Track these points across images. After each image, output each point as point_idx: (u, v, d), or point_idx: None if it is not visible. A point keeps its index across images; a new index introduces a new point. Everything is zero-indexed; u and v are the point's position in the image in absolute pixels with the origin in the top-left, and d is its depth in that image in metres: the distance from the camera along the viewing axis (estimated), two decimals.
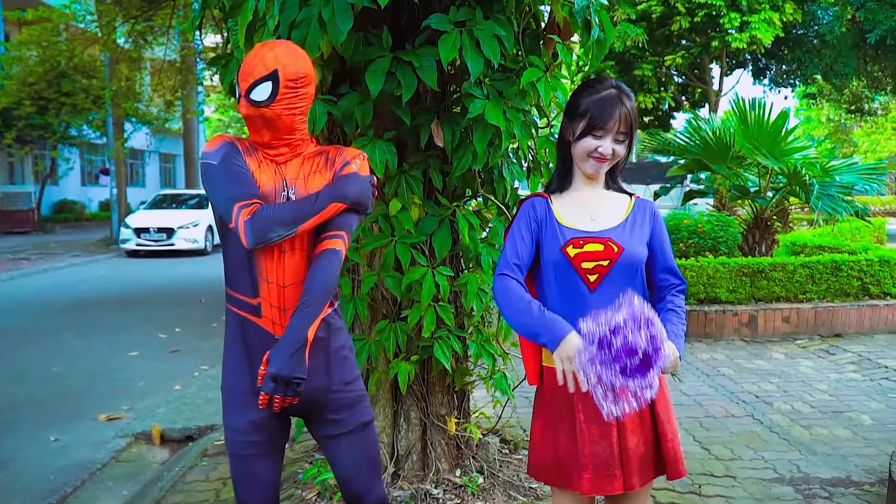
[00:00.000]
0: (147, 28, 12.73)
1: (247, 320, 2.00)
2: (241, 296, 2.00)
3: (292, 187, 1.99)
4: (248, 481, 2.06)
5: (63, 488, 3.80)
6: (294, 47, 1.98)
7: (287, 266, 1.98)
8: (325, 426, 2.11)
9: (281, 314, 1.99)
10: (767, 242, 8.02)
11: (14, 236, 20.87)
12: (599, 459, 1.94)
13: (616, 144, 1.98)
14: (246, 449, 2.04)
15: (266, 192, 1.96)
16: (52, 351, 6.81)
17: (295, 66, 1.93)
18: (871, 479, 3.67)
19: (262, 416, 2.03)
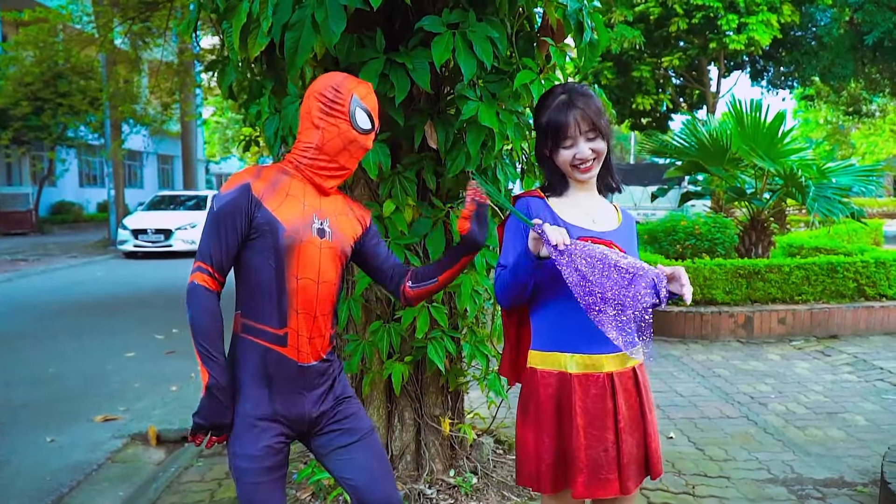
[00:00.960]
0: (144, 29, 12.73)
1: (269, 350, 2.00)
2: (264, 326, 1.99)
3: (326, 220, 2.05)
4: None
5: (59, 489, 3.80)
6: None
7: (321, 298, 2.02)
8: (334, 437, 2.12)
9: (308, 342, 2.02)
10: (764, 244, 8.04)
11: (11, 237, 20.85)
12: (595, 463, 1.95)
13: (590, 143, 1.99)
14: (262, 475, 2.00)
15: (294, 223, 1.98)
16: (49, 352, 6.81)
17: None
18: (864, 479, 3.68)
19: (280, 441, 2.03)
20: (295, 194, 2.01)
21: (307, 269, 1.99)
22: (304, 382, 2.04)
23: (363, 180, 3.09)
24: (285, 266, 1.97)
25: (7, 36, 21.60)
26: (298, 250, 1.97)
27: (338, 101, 1.99)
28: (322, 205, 2.06)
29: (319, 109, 2.00)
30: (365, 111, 2.03)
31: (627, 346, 1.85)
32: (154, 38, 13.27)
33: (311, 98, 2.02)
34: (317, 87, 2.02)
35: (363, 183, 3.10)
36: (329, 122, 1.99)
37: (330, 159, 2.03)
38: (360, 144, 2.05)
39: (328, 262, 2.03)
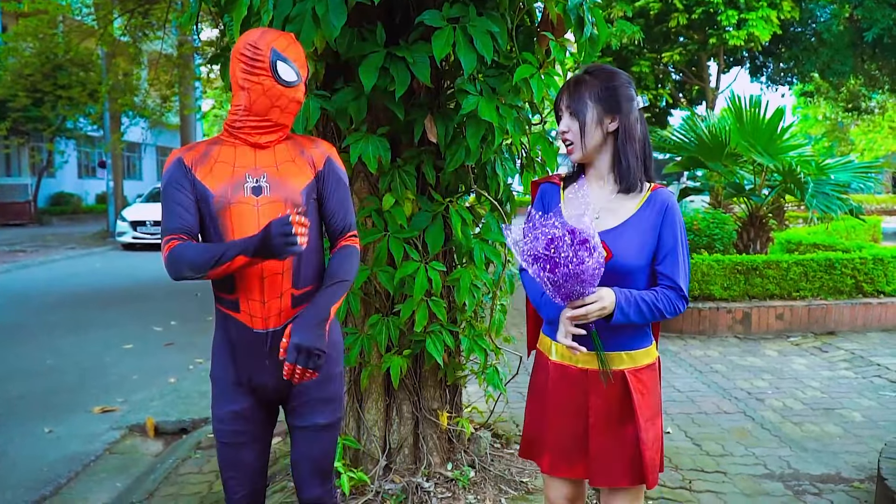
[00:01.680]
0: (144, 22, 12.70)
1: (228, 316, 2.04)
2: (221, 293, 2.03)
3: (263, 175, 2.00)
4: (233, 465, 2.12)
5: (57, 480, 3.81)
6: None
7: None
8: (293, 416, 2.15)
9: (261, 307, 2.00)
10: (762, 240, 8.05)
11: (10, 228, 20.83)
12: (560, 447, 2.02)
13: (568, 119, 1.96)
14: (229, 437, 2.09)
15: (220, 187, 1.98)
16: (47, 344, 6.82)
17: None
18: (861, 475, 3.70)
19: (245, 407, 2.09)
20: (224, 160, 2.01)
21: (244, 229, 1.96)
22: (263, 349, 2.03)
23: (363, 174, 3.09)
24: (221, 230, 1.98)
25: (7, 27, 21.54)
26: (230, 212, 1.97)
27: (257, 58, 1.95)
28: (258, 161, 2.02)
29: (241, 70, 1.96)
30: (287, 62, 1.97)
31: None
32: (154, 30, 13.24)
33: (234, 59, 1.98)
34: (237, 47, 1.98)
35: (363, 176, 3.10)
36: (253, 81, 1.95)
37: (261, 118, 1.99)
38: (290, 98, 2.00)
39: (271, 219, 1.92)
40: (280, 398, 2.13)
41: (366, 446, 3.28)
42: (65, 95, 18.32)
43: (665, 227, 1.92)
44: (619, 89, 1.94)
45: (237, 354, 2.05)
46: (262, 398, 2.11)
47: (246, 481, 2.13)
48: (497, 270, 3.31)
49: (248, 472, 2.12)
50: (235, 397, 2.08)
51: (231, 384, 2.08)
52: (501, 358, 3.52)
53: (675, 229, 1.93)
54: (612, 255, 1.85)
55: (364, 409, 3.28)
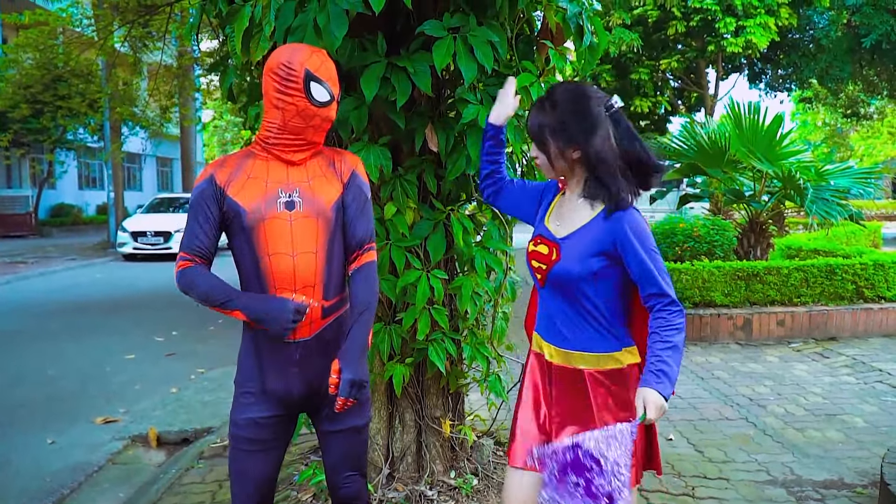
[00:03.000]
0: (144, 33, 12.74)
1: (259, 328, 2.05)
2: None
3: (296, 190, 2.04)
4: (241, 476, 2.14)
5: (60, 490, 3.81)
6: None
7: (298, 272, 2.03)
8: (324, 422, 2.18)
9: None
10: (762, 246, 8.06)
11: (11, 240, 20.84)
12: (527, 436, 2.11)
13: (535, 148, 2.07)
14: (245, 444, 2.12)
15: (253, 203, 2.01)
16: (49, 354, 6.82)
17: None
18: (864, 481, 3.69)
19: (266, 415, 2.11)
20: (257, 175, 2.04)
21: (278, 244, 2.01)
22: (292, 359, 2.07)
23: None
24: (255, 245, 2.01)
25: (7, 39, 21.61)
26: (264, 228, 2.00)
27: (290, 78, 1.97)
28: (290, 176, 2.06)
29: (275, 89, 1.99)
30: (320, 83, 2.00)
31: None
32: (154, 41, 13.28)
33: (267, 77, 2.01)
34: (270, 65, 2.01)
35: None
36: (287, 101, 1.99)
37: (296, 136, 2.04)
38: (323, 117, 2.04)
39: (304, 233, 2.02)
40: (304, 405, 2.16)
41: (368, 455, 3.28)
42: (65, 106, 18.36)
43: (625, 253, 1.94)
44: (577, 117, 1.96)
45: (265, 363, 2.08)
46: (287, 407, 2.13)
47: (254, 490, 2.14)
48: (498, 278, 3.31)
49: (257, 481, 2.14)
50: (258, 405, 2.10)
51: (256, 392, 2.10)
52: (503, 366, 3.52)
53: (634, 249, 1.93)
54: (559, 259, 1.99)
55: None
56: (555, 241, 2.03)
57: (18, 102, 17.71)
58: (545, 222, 2.11)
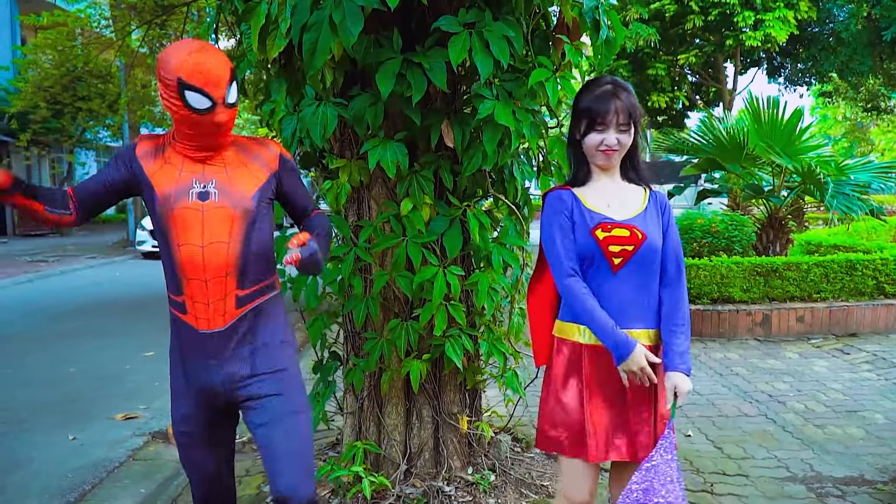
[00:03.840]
0: (161, 34, 12.82)
1: (177, 318, 2.10)
2: (170, 295, 2.09)
3: (212, 181, 2.03)
4: (190, 465, 2.26)
5: (81, 486, 3.85)
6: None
7: (207, 261, 2.02)
8: (252, 413, 2.14)
9: (206, 308, 2.04)
10: (782, 242, 7.98)
11: (32, 239, 21.08)
12: (604, 429, 2.10)
13: (619, 134, 2.10)
14: (182, 438, 2.22)
15: (166, 191, 2.02)
16: (69, 352, 6.89)
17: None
18: (885, 477, 3.66)
19: (194, 408, 2.17)
20: (173, 162, 2.04)
21: (188, 234, 1.99)
22: (209, 351, 2.06)
23: (381, 179, 3.11)
24: (168, 235, 2.03)
25: (26, 40, 21.83)
26: (173, 217, 2.00)
27: (169, 87, 1.91)
28: (206, 167, 2.04)
29: (162, 94, 1.95)
30: (195, 90, 1.89)
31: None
32: (171, 41, 13.37)
33: (158, 82, 1.99)
34: (156, 70, 1.97)
35: (381, 182, 3.12)
36: (171, 109, 1.95)
37: (189, 141, 2.02)
38: (210, 121, 1.94)
39: (216, 224, 2.00)
40: (232, 398, 2.13)
41: (386, 451, 3.29)
42: (84, 107, 18.51)
43: (669, 226, 2.18)
44: (637, 104, 2.16)
45: (185, 356, 2.12)
46: (212, 399, 2.14)
47: (203, 483, 2.25)
48: (515, 274, 3.31)
49: (204, 474, 2.24)
50: (187, 399, 2.16)
51: (182, 386, 2.16)
52: (521, 362, 3.52)
53: (674, 224, 2.20)
54: (646, 236, 2.09)
55: (384, 413, 3.29)
56: (631, 223, 2.10)
57: (38, 103, 17.88)
58: (594, 210, 2.12)
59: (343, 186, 2.99)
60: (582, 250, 2.09)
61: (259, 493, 3.56)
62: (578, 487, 2.17)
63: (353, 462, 3.14)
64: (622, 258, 2.09)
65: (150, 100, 18.37)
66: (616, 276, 2.09)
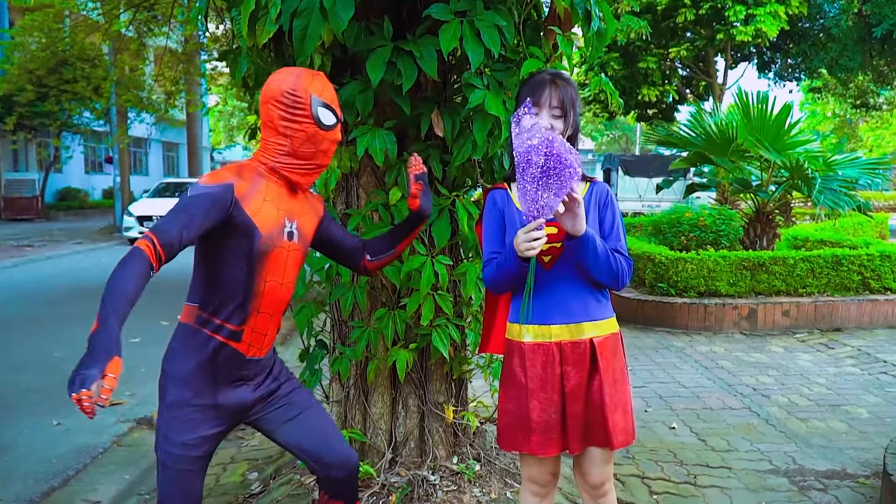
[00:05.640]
0: (149, 17, 12.70)
1: (223, 345, 2.02)
2: (223, 322, 2.01)
3: (295, 222, 2.09)
4: (185, 495, 2.02)
5: (65, 472, 3.84)
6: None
7: (281, 298, 2.10)
8: (280, 413, 2.19)
9: (261, 338, 2.09)
10: (769, 236, 8.03)
11: (18, 223, 20.92)
12: (545, 424, 2.13)
13: (553, 120, 2.11)
14: (190, 464, 2.01)
15: (269, 231, 2.00)
16: (55, 337, 6.85)
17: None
18: (867, 471, 3.70)
19: (216, 431, 2.06)
20: (270, 199, 2.02)
21: (275, 272, 2.04)
22: (247, 373, 2.11)
23: (369, 168, 3.09)
24: (257, 270, 2.00)
25: (14, 22, 21.58)
26: (273, 256, 2.02)
27: (298, 106, 1.97)
28: (292, 207, 2.09)
29: (281, 117, 1.97)
30: (327, 107, 2.02)
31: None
32: (159, 25, 13.24)
33: (270, 106, 1.98)
34: (271, 93, 1.98)
35: (369, 170, 3.10)
36: (295, 129, 1.98)
37: (306, 161, 2.05)
38: (331, 139, 2.06)
39: (293, 264, 2.10)
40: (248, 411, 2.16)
41: (372, 439, 3.29)
42: (70, 90, 18.34)
43: (606, 209, 2.19)
44: (578, 98, 2.18)
45: (220, 378, 2.04)
46: (237, 417, 2.13)
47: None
48: None
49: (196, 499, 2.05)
50: (209, 421, 2.03)
51: (207, 408, 2.03)
52: None
53: (614, 208, 2.21)
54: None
55: (370, 402, 3.29)
56: (557, 220, 2.06)
57: (24, 86, 17.70)
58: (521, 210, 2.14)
59: (333, 172, 2.97)
60: (514, 248, 2.04)
61: (244, 480, 3.55)
62: (536, 473, 2.27)
63: None
64: (551, 255, 2.12)
65: (137, 84, 18.21)
66: (547, 273, 2.13)
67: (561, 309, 2.13)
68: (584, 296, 2.15)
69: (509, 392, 2.20)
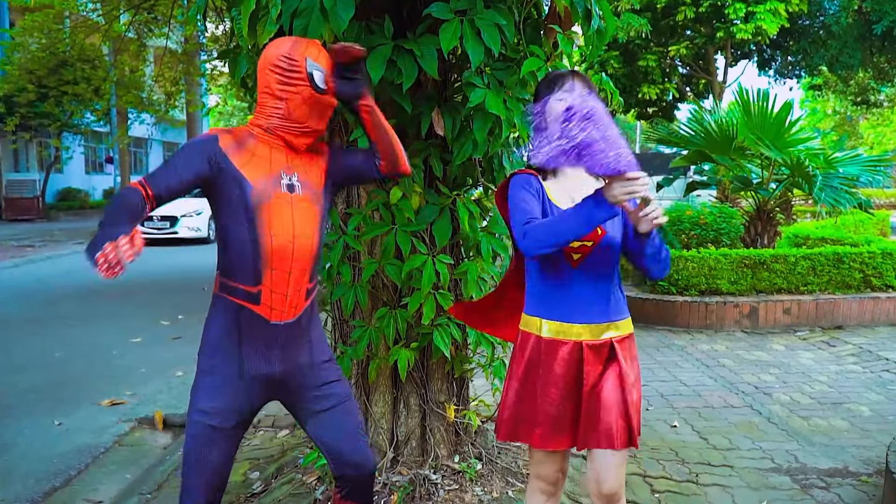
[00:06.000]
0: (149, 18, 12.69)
1: (242, 308, 2.04)
2: (238, 284, 2.04)
3: (295, 174, 2.09)
4: (201, 464, 2.04)
5: (66, 472, 3.84)
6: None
7: (296, 255, 2.06)
8: (313, 401, 2.19)
9: (283, 299, 2.06)
10: (770, 234, 8.02)
11: (19, 224, 20.92)
12: (550, 419, 2.12)
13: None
14: (209, 433, 2.03)
15: (260, 181, 2.03)
16: (56, 337, 6.85)
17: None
18: (869, 469, 3.69)
19: (239, 401, 2.07)
20: (261, 155, 2.07)
21: (281, 226, 2.03)
22: (275, 341, 2.08)
23: None
24: (257, 223, 2.01)
25: (15, 22, 21.57)
26: (268, 206, 2.02)
27: (294, 69, 2.03)
28: (290, 161, 2.11)
29: (278, 81, 2.04)
30: (322, 71, 2.07)
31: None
32: (159, 26, 13.24)
33: (266, 71, 2.05)
34: (268, 58, 2.05)
35: None
36: (291, 91, 2.04)
37: (301, 125, 2.08)
38: (326, 103, 2.11)
39: (303, 218, 2.07)
40: (279, 390, 2.15)
41: (373, 438, 3.29)
42: (70, 91, 18.33)
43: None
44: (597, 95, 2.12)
45: (245, 346, 2.06)
46: (263, 390, 2.12)
47: (213, 477, 2.06)
48: (504, 263, 3.30)
49: (218, 467, 2.06)
50: (233, 391, 2.05)
51: (232, 377, 2.06)
52: (508, 351, 3.52)
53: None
54: (606, 232, 2.09)
55: (372, 401, 3.29)
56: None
57: (24, 86, 17.69)
58: (557, 205, 2.13)
59: None
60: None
61: (245, 479, 3.55)
62: (546, 470, 2.26)
63: None
64: (581, 254, 2.10)
65: (137, 84, 18.21)
66: (574, 270, 2.12)
67: (584, 308, 2.12)
68: (607, 296, 2.15)
69: (518, 385, 2.18)
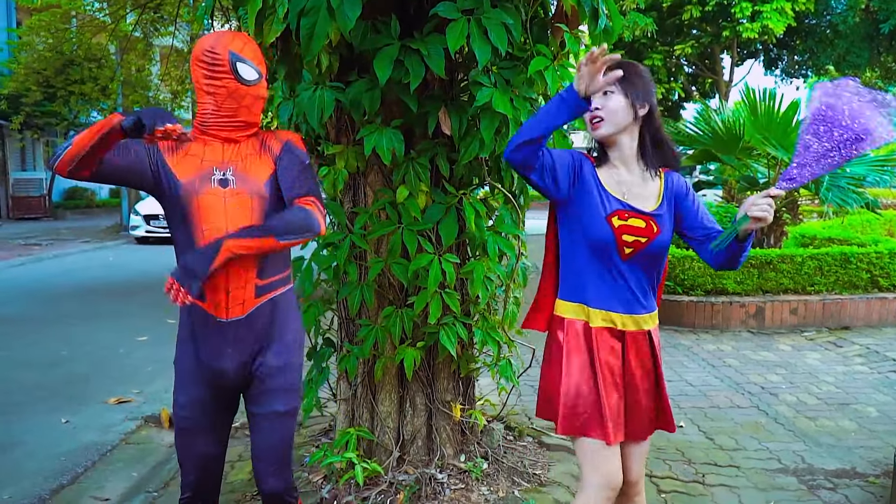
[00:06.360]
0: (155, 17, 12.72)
1: (193, 305, 2.10)
2: None
3: (229, 169, 2.09)
4: (185, 450, 2.23)
5: (73, 469, 3.85)
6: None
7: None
8: (250, 404, 2.25)
9: (226, 297, 2.09)
10: (776, 234, 7.99)
11: (25, 222, 20.99)
12: (613, 414, 2.08)
13: (603, 98, 2.06)
14: (185, 423, 2.20)
15: (189, 177, 2.07)
16: (62, 336, 6.87)
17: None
18: (876, 470, 3.68)
19: (204, 394, 2.18)
20: (193, 153, 2.10)
21: (212, 220, 2.06)
22: (226, 338, 2.12)
23: (377, 166, 3.09)
24: (190, 220, 2.07)
25: (21, 22, 21.62)
26: (198, 202, 2.06)
27: (217, 63, 2.04)
28: (225, 155, 2.11)
29: (204, 76, 2.05)
30: (246, 62, 2.07)
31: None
32: (165, 25, 13.26)
33: (194, 66, 2.07)
34: (195, 55, 2.07)
35: (377, 169, 3.10)
36: (216, 85, 2.05)
37: (231, 118, 2.09)
38: (254, 95, 2.10)
39: (237, 211, 2.07)
40: (239, 385, 2.21)
41: (379, 437, 3.29)
42: (77, 91, 18.35)
43: (686, 198, 2.15)
44: (644, 79, 2.12)
45: (199, 343, 2.14)
46: (221, 386, 2.19)
47: (196, 469, 2.24)
48: (510, 263, 3.31)
49: (198, 460, 2.23)
50: (196, 385, 2.18)
51: (192, 371, 2.17)
52: (514, 350, 3.52)
53: (692, 194, 2.17)
54: (661, 231, 2.08)
55: (378, 400, 3.29)
56: (649, 214, 2.08)
57: (31, 86, 17.72)
58: (612, 193, 2.08)
59: (340, 173, 2.98)
60: (594, 237, 2.05)
61: (251, 478, 3.56)
62: (612, 466, 2.09)
63: (345, 448, 3.14)
64: (633, 249, 2.07)
65: (144, 84, 18.23)
66: (624, 263, 2.09)
67: (627, 298, 2.12)
68: (647, 289, 2.16)
69: (574, 377, 2.09)
